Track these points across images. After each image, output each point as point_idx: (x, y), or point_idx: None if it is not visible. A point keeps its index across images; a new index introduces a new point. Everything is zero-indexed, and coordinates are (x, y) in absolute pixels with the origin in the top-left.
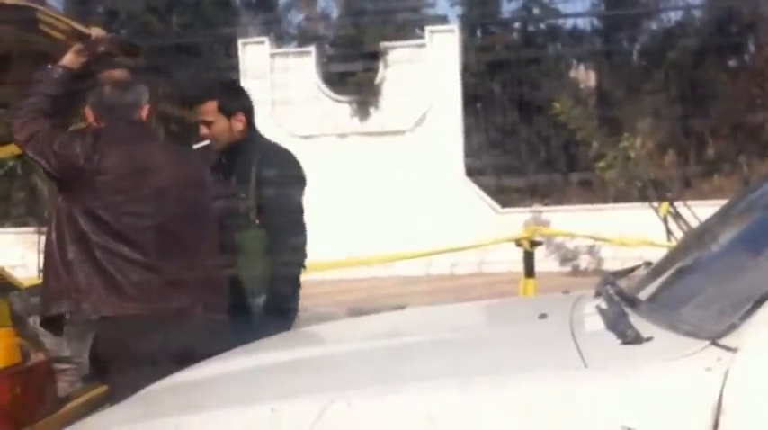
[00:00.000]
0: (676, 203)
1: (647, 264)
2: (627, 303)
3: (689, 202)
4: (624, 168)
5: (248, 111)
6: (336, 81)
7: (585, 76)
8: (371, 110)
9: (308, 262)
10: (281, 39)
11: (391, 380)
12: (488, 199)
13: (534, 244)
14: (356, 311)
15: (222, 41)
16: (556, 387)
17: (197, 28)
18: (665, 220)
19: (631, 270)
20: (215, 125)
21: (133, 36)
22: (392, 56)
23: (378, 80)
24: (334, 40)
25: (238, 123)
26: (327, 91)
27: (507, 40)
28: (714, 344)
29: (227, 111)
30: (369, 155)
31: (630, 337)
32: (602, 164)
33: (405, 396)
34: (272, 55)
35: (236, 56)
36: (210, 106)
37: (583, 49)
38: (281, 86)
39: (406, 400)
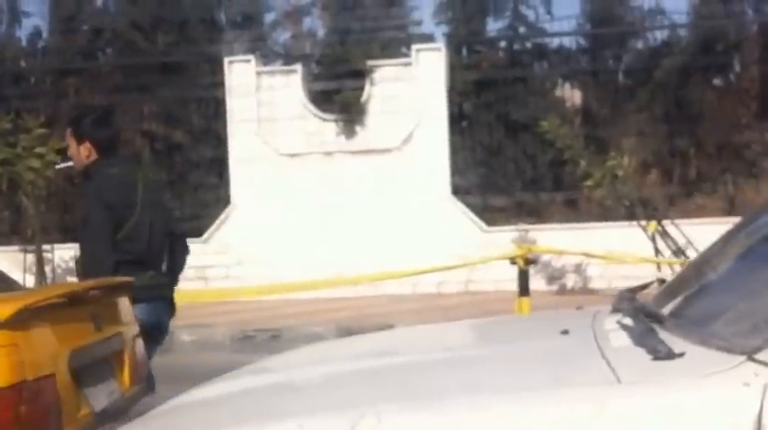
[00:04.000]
0: (664, 222)
1: (661, 281)
2: (652, 319)
3: (676, 221)
4: (612, 187)
5: (97, 140)
6: (323, 99)
7: (571, 95)
8: (357, 128)
9: (297, 281)
10: (267, 57)
11: (420, 395)
12: (474, 217)
13: (528, 262)
14: (345, 330)
15: (208, 60)
16: (590, 403)
17: (182, 46)
18: (653, 239)
19: (645, 286)
20: (69, 149)
21: (118, 55)
22: (378, 74)
23: (364, 98)
24: (321, 59)
25: (85, 150)
26: (313, 109)
27: (493, 59)
28: (750, 359)
29: (77, 139)
30: (355, 173)
31: (662, 353)
32: (589, 182)
33: (437, 411)
34: (259, 73)
35: (221, 74)
36: (67, 132)
37: (568, 67)
38: (267, 105)
39: (439, 416)
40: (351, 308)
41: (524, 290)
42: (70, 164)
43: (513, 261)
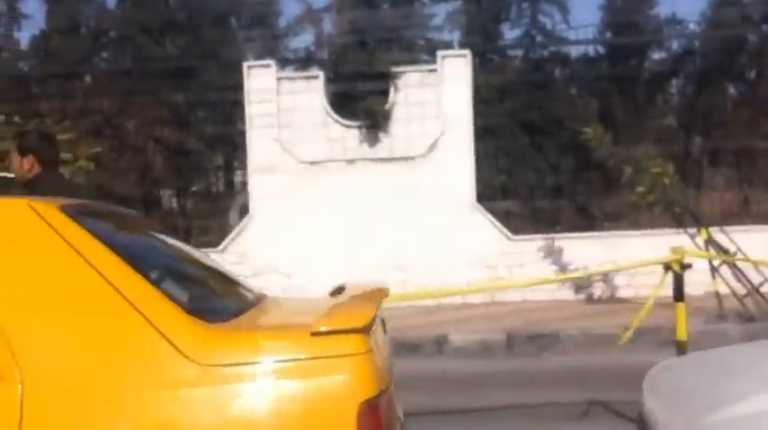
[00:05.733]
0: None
1: None
2: None
3: (725, 228)
4: (662, 194)
5: (41, 155)
6: (345, 106)
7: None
8: (381, 135)
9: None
10: (287, 62)
11: None
12: (499, 225)
13: (684, 266)
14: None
15: (223, 64)
16: None
17: (195, 50)
18: (706, 246)
19: None
20: (11, 162)
21: (131, 60)
22: (402, 80)
23: (388, 105)
24: (343, 64)
25: (27, 163)
26: (335, 116)
27: (516, 66)
28: None
29: (21, 153)
30: (378, 181)
31: None
32: (641, 189)
33: None
34: (279, 79)
35: (236, 78)
36: (11, 146)
37: (591, 74)
38: (287, 111)
39: None
40: (482, 316)
41: (680, 295)
42: (10, 175)
43: (667, 266)
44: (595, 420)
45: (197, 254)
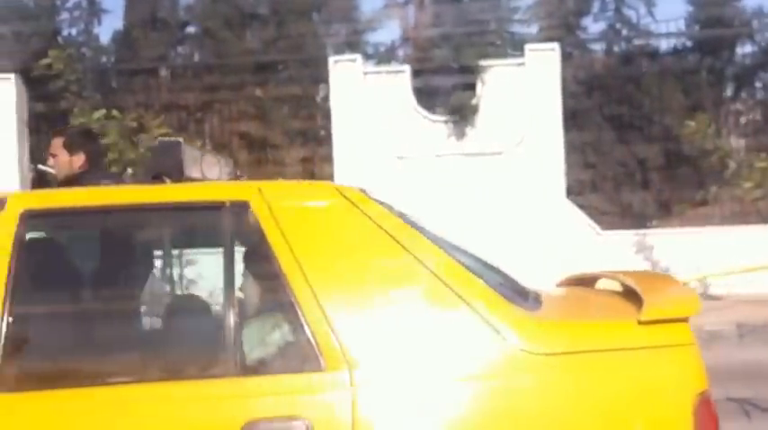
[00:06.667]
0: None
1: None
2: None
3: None
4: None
5: (89, 153)
6: (432, 100)
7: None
8: (468, 130)
9: None
10: (369, 56)
11: None
12: (589, 220)
13: None
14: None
15: (310, 59)
16: None
17: (279, 45)
18: None
19: None
20: (57, 157)
21: (212, 55)
22: (490, 74)
23: (475, 99)
24: (430, 59)
25: (77, 161)
26: (422, 110)
27: (604, 59)
28: None
29: (69, 149)
30: (466, 176)
31: None
32: (749, 184)
33: None
34: (365, 73)
35: (320, 73)
36: (57, 142)
37: (679, 67)
38: (373, 106)
39: None
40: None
41: None
42: (51, 170)
43: None
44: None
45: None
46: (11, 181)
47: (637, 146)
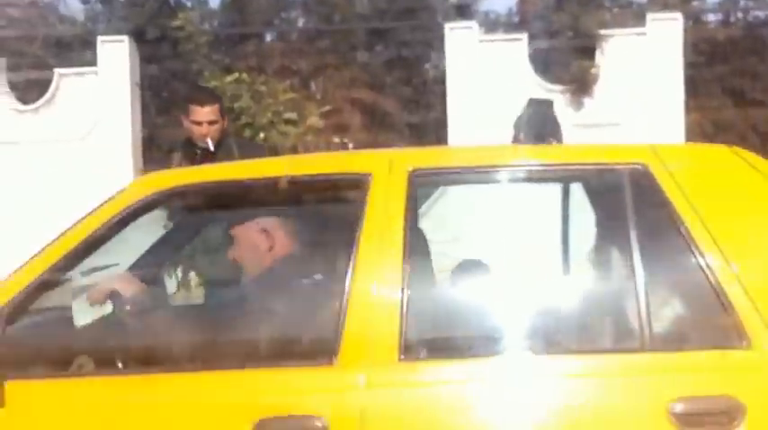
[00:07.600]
0: None
1: None
2: None
3: None
4: None
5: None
6: (549, 70)
7: None
8: (586, 100)
9: None
10: (490, 24)
11: None
12: None
13: None
14: None
15: (425, 25)
16: None
17: (396, 12)
18: None
19: None
20: (218, 125)
21: (324, 21)
22: (609, 44)
23: (595, 69)
24: (548, 27)
25: (225, 122)
26: (539, 80)
27: (725, 30)
28: None
29: (223, 113)
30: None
31: None
32: None
33: None
34: (481, 41)
35: (439, 40)
36: (214, 109)
37: None
38: (489, 74)
39: None
40: None
41: None
42: (209, 146)
43: None
44: None
45: None
46: (123, 142)
47: (757, 118)
